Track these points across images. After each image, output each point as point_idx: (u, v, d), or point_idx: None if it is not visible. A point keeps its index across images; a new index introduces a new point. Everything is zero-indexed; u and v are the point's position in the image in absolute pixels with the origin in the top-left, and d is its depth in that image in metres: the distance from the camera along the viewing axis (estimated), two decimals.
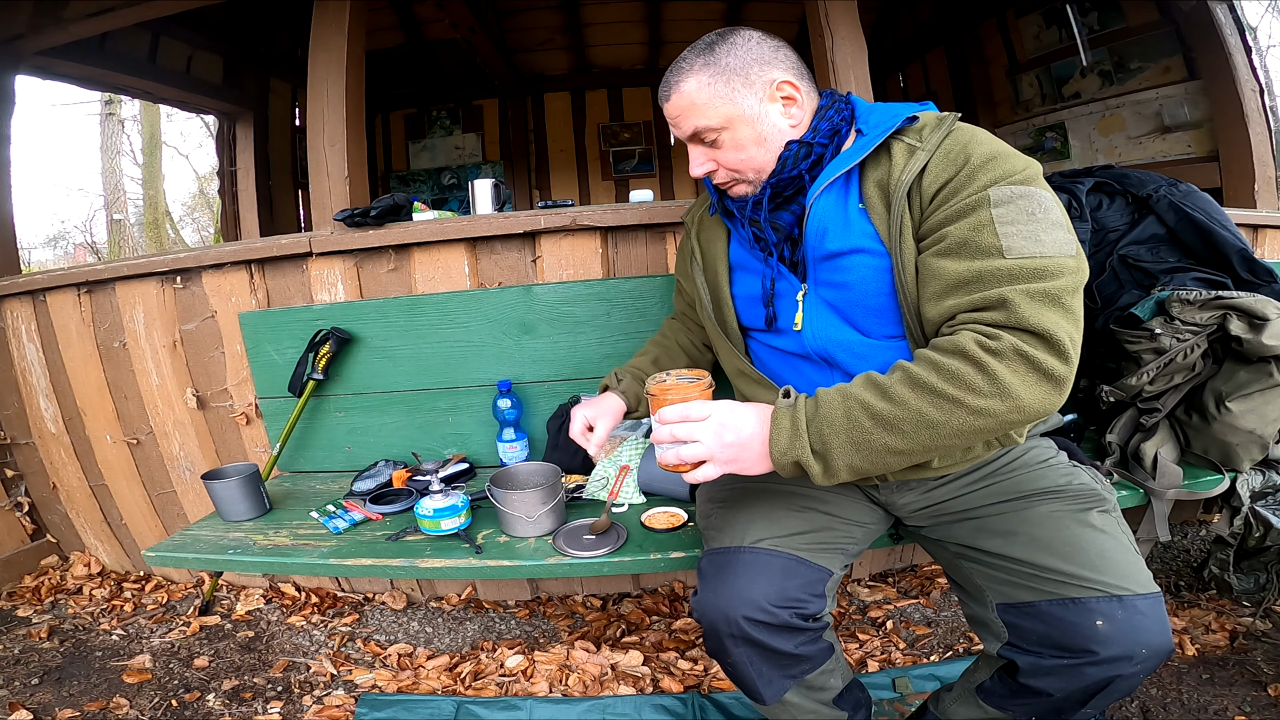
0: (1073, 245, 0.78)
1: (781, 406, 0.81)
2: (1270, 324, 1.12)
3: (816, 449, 0.78)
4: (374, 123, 5.04)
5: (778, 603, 0.86)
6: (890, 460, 0.77)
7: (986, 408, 0.73)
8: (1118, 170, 1.52)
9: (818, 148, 0.91)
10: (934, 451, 0.77)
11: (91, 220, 10.98)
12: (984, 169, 0.81)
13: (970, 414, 0.73)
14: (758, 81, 0.89)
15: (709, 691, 1.44)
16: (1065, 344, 0.73)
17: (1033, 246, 0.76)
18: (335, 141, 1.75)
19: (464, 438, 1.65)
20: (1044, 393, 0.73)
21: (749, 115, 0.89)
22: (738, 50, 0.90)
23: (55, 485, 2.09)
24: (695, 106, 0.90)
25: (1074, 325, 0.76)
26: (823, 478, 0.78)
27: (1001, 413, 0.73)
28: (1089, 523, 0.87)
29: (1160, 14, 2.78)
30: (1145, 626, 0.78)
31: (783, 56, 0.92)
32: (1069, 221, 0.81)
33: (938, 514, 0.99)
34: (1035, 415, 0.75)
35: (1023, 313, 0.74)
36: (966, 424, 0.74)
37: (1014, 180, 0.80)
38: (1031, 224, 0.78)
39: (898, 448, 0.76)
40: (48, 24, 2.35)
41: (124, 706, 1.46)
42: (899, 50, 4.40)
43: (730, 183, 0.97)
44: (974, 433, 0.74)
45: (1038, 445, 1.00)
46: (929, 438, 0.75)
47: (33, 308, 1.94)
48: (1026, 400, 0.73)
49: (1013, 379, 0.72)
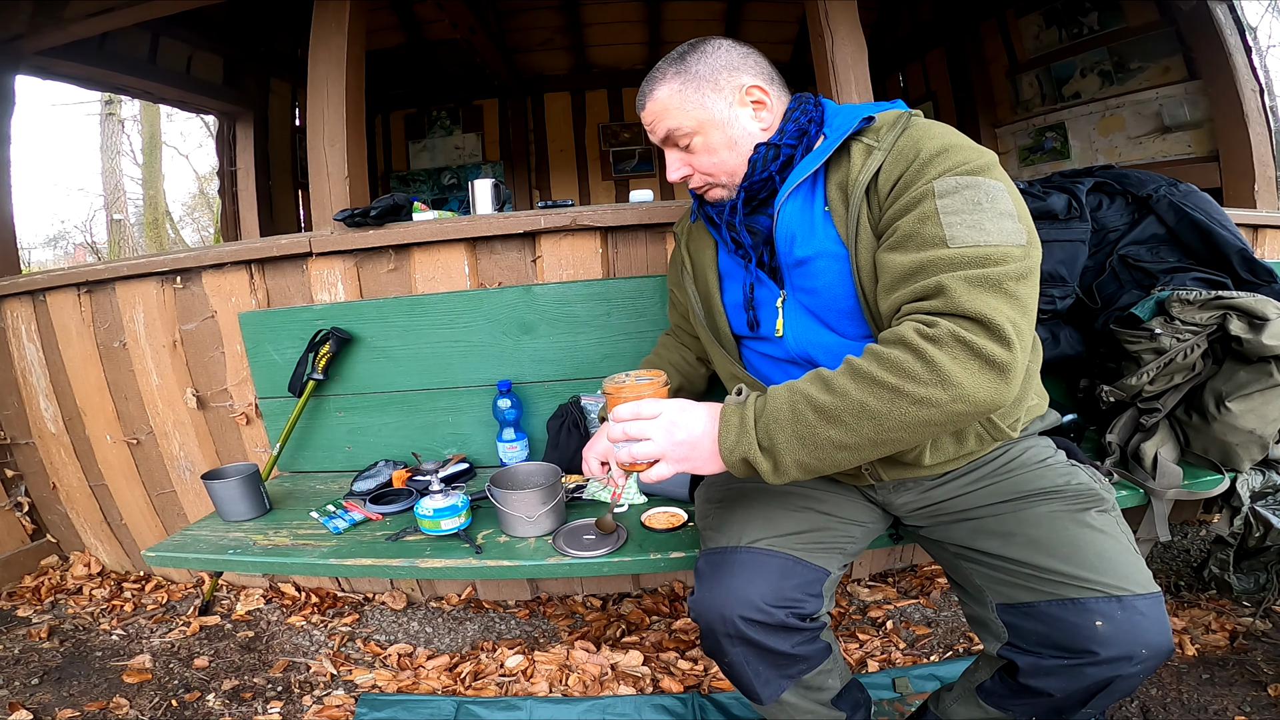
0: (1022, 235, 0.77)
1: (731, 404, 0.81)
2: (1270, 324, 1.12)
3: (764, 445, 0.77)
4: (374, 123, 5.03)
5: (774, 602, 0.87)
6: (838, 456, 0.75)
7: (928, 396, 0.71)
8: (1118, 170, 1.52)
9: (786, 149, 0.92)
10: (882, 446, 0.74)
11: (91, 220, 10.99)
12: (932, 162, 0.81)
13: (912, 403, 0.71)
14: (727, 87, 0.92)
15: (709, 691, 1.44)
16: (1006, 329, 0.71)
17: (976, 235, 0.76)
18: (335, 141, 1.75)
19: (464, 438, 1.65)
20: (988, 381, 0.71)
21: (719, 119, 0.92)
22: (707, 58, 0.92)
23: (55, 485, 2.09)
24: (668, 111, 0.93)
25: (1018, 311, 0.73)
26: (773, 475, 0.77)
27: (945, 402, 0.71)
28: (1088, 523, 0.87)
29: (1160, 14, 2.78)
30: (1145, 627, 0.78)
31: (752, 63, 0.94)
32: (1023, 211, 0.80)
33: (936, 514, 0.99)
34: (984, 405, 0.72)
35: (959, 298, 0.73)
36: (909, 414, 0.72)
37: (962, 171, 0.80)
38: (976, 213, 0.77)
39: (842, 441, 0.74)
40: (48, 24, 2.35)
41: (124, 706, 1.46)
42: (899, 50, 4.40)
43: (705, 186, 0.99)
44: (920, 425, 0.72)
45: (1036, 445, 1.00)
46: (872, 430, 0.73)
47: (33, 308, 1.94)
48: (969, 388, 0.70)
49: (953, 366, 0.71)
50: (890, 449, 0.75)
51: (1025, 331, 0.73)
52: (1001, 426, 0.94)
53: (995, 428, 0.94)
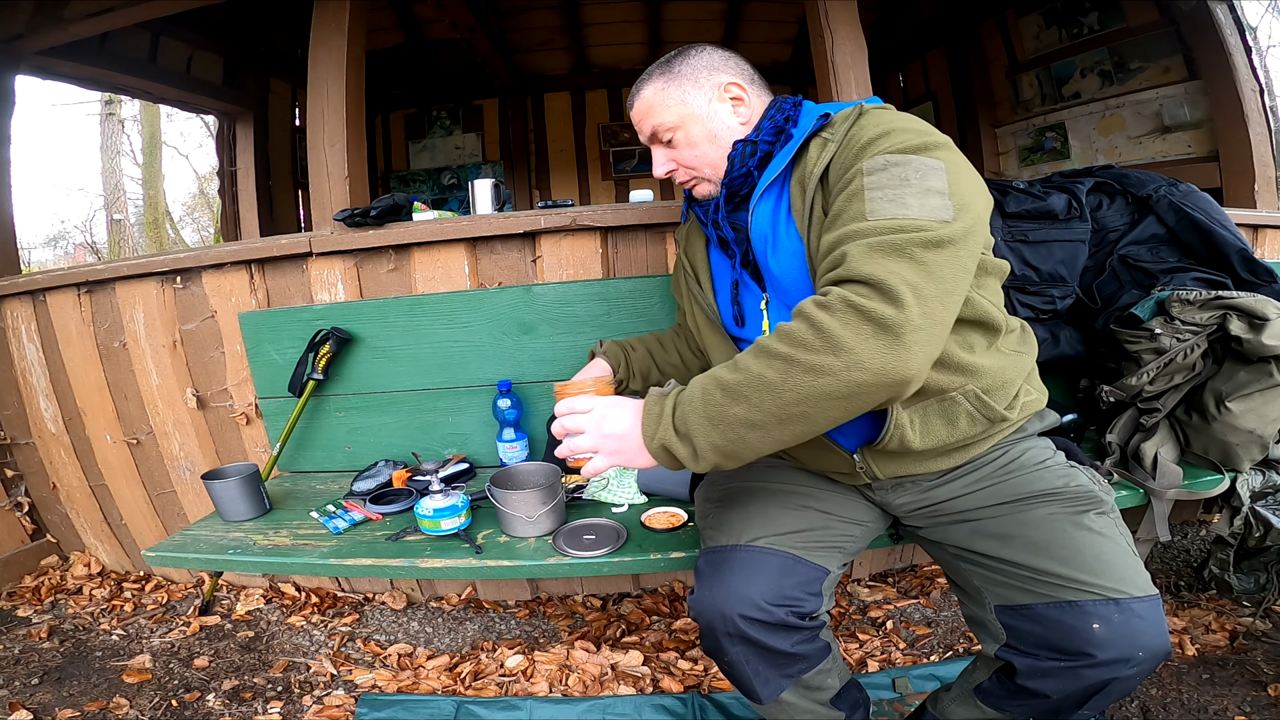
0: (947, 211, 0.75)
1: (654, 394, 0.82)
2: (1270, 324, 1.12)
3: (680, 431, 0.77)
4: (374, 123, 5.03)
5: (774, 601, 0.87)
6: (749, 436, 0.74)
7: (820, 364, 0.70)
8: (1118, 170, 1.52)
9: (763, 145, 0.95)
10: (789, 422, 0.73)
11: (91, 220, 11.00)
12: (870, 145, 0.81)
13: (805, 372, 0.70)
14: (707, 84, 0.96)
15: (709, 691, 1.44)
16: (899, 290, 0.69)
17: (895, 209, 0.75)
18: (335, 141, 1.75)
19: (464, 438, 1.65)
20: (882, 346, 0.69)
21: (699, 114, 0.96)
22: (690, 59, 0.98)
23: (55, 485, 2.09)
24: (652, 109, 0.98)
25: (922, 276, 0.71)
26: (691, 461, 0.77)
27: (839, 369, 0.69)
28: (1086, 525, 0.87)
29: (1160, 14, 2.78)
30: (1142, 629, 0.78)
31: (733, 64, 0.99)
32: (961, 190, 0.78)
33: (934, 514, 0.99)
34: (881, 371, 0.69)
35: (854, 263, 0.73)
36: (806, 384, 0.70)
37: (894, 149, 0.79)
38: (901, 189, 0.76)
39: (748, 418, 0.73)
40: (48, 24, 2.35)
41: (124, 706, 1.46)
42: (899, 50, 4.40)
43: (691, 181, 1.03)
44: (820, 396, 0.70)
45: (1035, 446, 0.99)
46: (773, 403, 0.72)
47: (33, 308, 1.94)
48: (860, 353, 0.69)
49: (842, 331, 0.69)
50: (802, 426, 0.73)
51: (930, 296, 0.71)
52: (993, 406, 0.90)
53: (986, 406, 0.89)
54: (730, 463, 0.77)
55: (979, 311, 0.88)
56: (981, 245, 0.80)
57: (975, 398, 0.89)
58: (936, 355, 0.73)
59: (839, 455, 0.97)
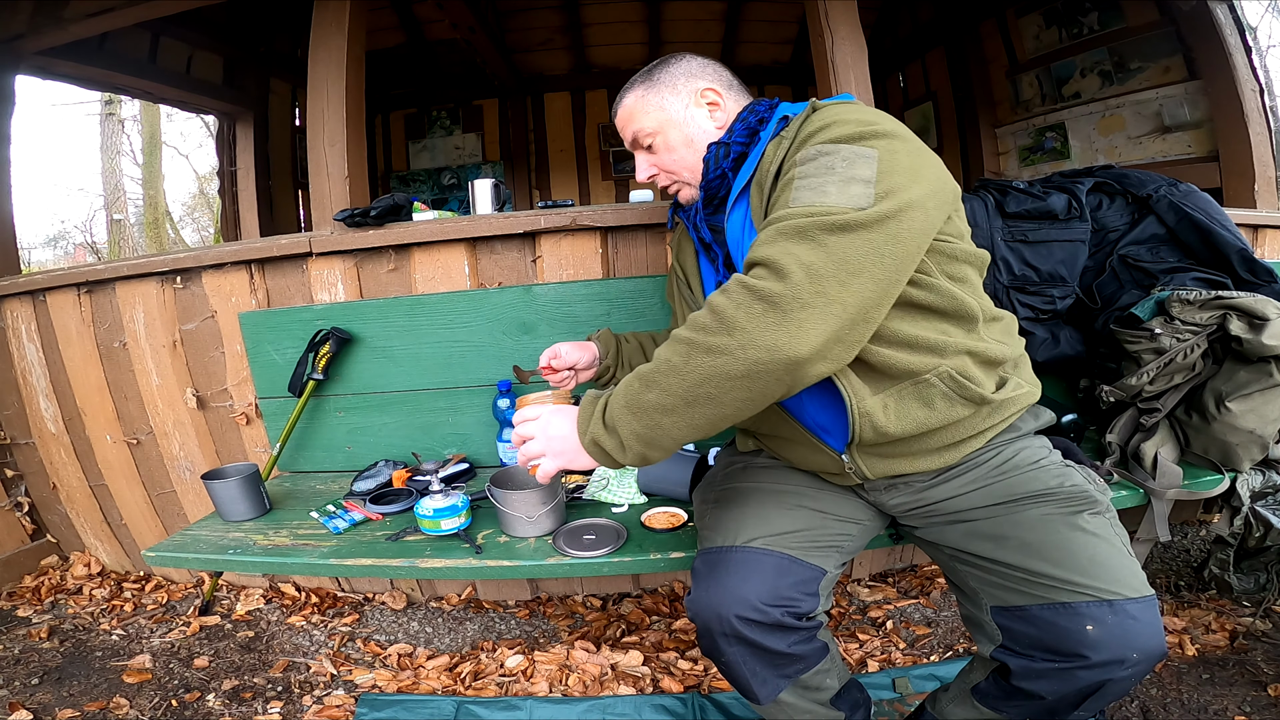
0: (866, 198, 0.74)
1: (590, 395, 0.85)
2: (1270, 324, 1.12)
3: (609, 424, 0.79)
4: (374, 123, 5.03)
5: (770, 601, 0.87)
6: (662, 421, 0.75)
7: (716, 344, 0.72)
8: (1118, 170, 1.52)
9: (735, 146, 0.96)
10: (695, 404, 0.74)
11: (91, 220, 10.99)
12: (810, 139, 0.83)
13: (704, 353, 0.72)
14: (684, 90, 1.00)
15: (709, 691, 1.44)
16: (788, 268, 0.70)
17: (814, 197, 0.76)
18: (335, 141, 1.75)
19: (464, 438, 1.65)
20: (771, 323, 0.70)
21: (676, 119, 1.00)
22: (669, 68, 1.02)
23: (55, 485, 2.09)
24: (632, 115, 1.03)
25: (817, 255, 0.71)
26: (619, 452, 0.79)
27: (733, 347, 0.71)
28: (1080, 526, 0.86)
29: (1160, 14, 2.78)
30: (1136, 631, 0.78)
31: (710, 71, 1.02)
32: (894, 177, 0.77)
33: (930, 515, 0.98)
34: (774, 347, 0.70)
35: (758, 248, 0.74)
36: (705, 364, 0.72)
37: (827, 139, 0.80)
38: (825, 177, 0.77)
39: (660, 403, 0.75)
40: (48, 24, 2.35)
41: (124, 706, 1.46)
42: (899, 50, 4.40)
43: (673, 185, 1.06)
44: (720, 375, 0.72)
45: (1030, 445, 0.98)
46: (679, 385, 0.74)
47: (33, 308, 1.94)
48: (751, 330, 0.70)
49: (735, 311, 0.72)
50: (711, 409, 0.74)
51: (826, 275, 0.71)
52: (971, 386, 0.87)
53: (963, 387, 0.87)
54: (652, 452, 0.78)
55: (945, 298, 0.86)
56: (920, 231, 0.78)
57: (950, 379, 0.86)
58: (840, 336, 0.72)
59: (828, 455, 0.97)
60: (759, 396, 0.74)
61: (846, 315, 0.72)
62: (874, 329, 0.77)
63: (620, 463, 0.80)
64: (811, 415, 0.96)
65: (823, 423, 0.95)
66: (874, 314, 0.75)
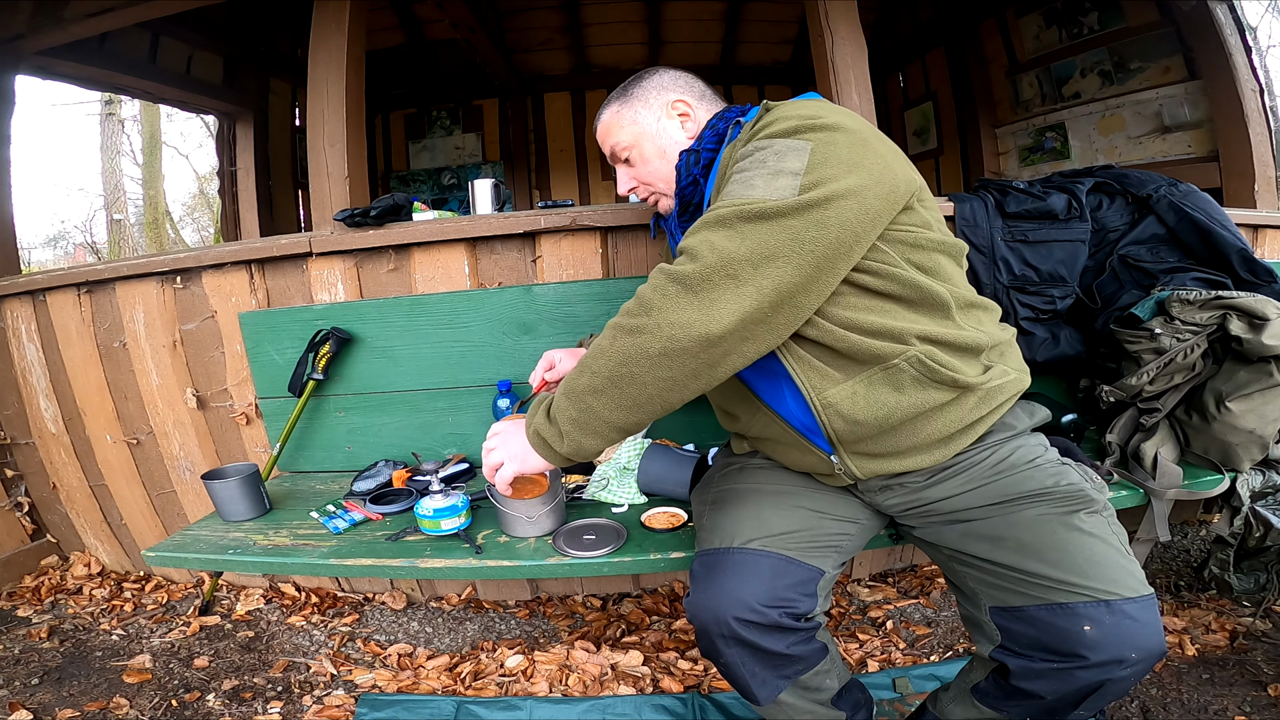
0: (790, 190, 0.76)
1: (544, 395, 0.90)
2: (1270, 324, 1.12)
3: (551, 415, 0.85)
4: (374, 123, 5.03)
5: (768, 602, 0.87)
6: (592, 403, 0.80)
7: (636, 325, 0.77)
8: (1118, 170, 1.52)
9: (705, 154, 0.99)
10: (619, 383, 0.78)
11: (91, 220, 11.01)
12: (754, 137, 0.85)
13: (626, 334, 0.78)
14: (655, 103, 1.05)
15: (709, 691, 1.44)
16: (702, 252, 0.75)
17: (743, 190, 0.79)
18: (335, 141, 1.75)
19: (464, 438, 1.65)
20: (684, 302, 0.75)
21: (649, 132, 1.05)
22: (643, 83, 1.06)
23: (55, 485, 2.09)
24: (609, 130, 1.08)
25: (732, 240, 0.75)
26: (557, 440, 0.84)
27: (650, 326, 0.76)
28: (1076, 525, 0.86)
29: (1160, 14, 2.78)
30: (1134, 630, 0.78)
31: (682, 83, 1.06)
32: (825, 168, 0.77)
33: (926, 515, 0.98)
34: (687, 324, 0.74)
35: (682, 242, 0.79)
36: (627, 344, 0.77)
37: (767, 135, 0.84)
38: (755, 171, 0.80)
39: (589, 384, 0.80)
40: (48, 24, 2.35)
41: (124, 706, 1.46)
42: (899, 50, 4.40)
43: (652, 196, 1.11)
44: (640, 354, 0.76)
45: (1025, 443, 0.97)
46: (604, 366, 0.79)
47: (33, 308, 1.94)
48: (666, 309, 0.75)
49: (653, 294, 0.77)
50: (634, 389, 0.78)
51: (739, 259, 0.74)
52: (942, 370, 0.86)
53: (934, 371, 0.85)
54: (586, 438, 0.82)
55: (908, 286, 0.85)
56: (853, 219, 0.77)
57: (918, 362, 0.85)
58: (759, 318, 0.75)
59: (817, 456, 0.97)
60: (680, 376, 0.77)
61: (762, 297, 0.75)
62: (805, 314, 0.80)
63: (558, 451, 0.85)
64: (798, 417, 0.95)
65: (808, 424, 0.95)
66: (801, 299, 0.78)
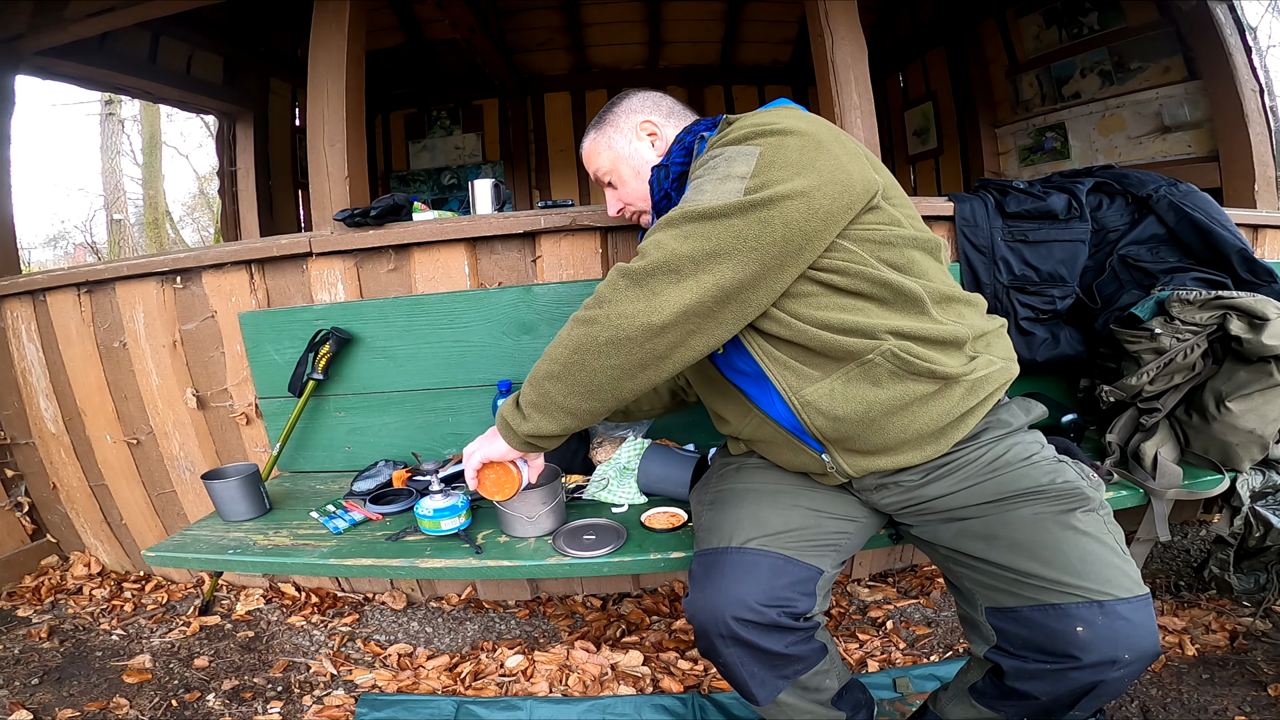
0: (735, 194, 0.80)
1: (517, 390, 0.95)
2: (1270, 324, 1.12)
3: (520, 403, 0.91)
4: (374, 123, 5.03)
5: (766, 602, 0.87)
6: (550, 388, 0.86)
7: (589, 315, 0.83)
8: (1118, 170, 1.52)
9: (675, 167, 1.03)
10: (572, 369, 0.84)
11: (91, 220, 11.02)
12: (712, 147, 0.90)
13: (580, 324, 0.84)
14: (626, 126, 1.11)
15: (709, 691, 1.44)
16: (648, 249, 0.82)
17: (693, 195, 0.84)
18: (335, 141, 1.75)
19: (464, 438, 1.65)
20: (631, 295, 0.81)
21: (624, 154, 1.11)
22: (615, 109, 1.13)
23: (55, 485, 2.09)
24: (590, 157, 1.16)
25: (676, 239, 0.80)
26: (518, 419, 0.91)
27: (601, 317, 0.82)
28: (1071, 525, 0.86)
29: (1160, 14, 2.78)
30: (1127, 631, 0.78)
31: (650, 104, 1.12)
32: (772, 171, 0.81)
33: (923, 513, 0.98)
34: (633, 314, 0.80)
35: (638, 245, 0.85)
36: (579, 333, 0.83)
37: (721, 144, 0.88)
38: (707, 177, 0.85)
39: (547, 370, 0.87)
40: (48, 24, 2.35)
41: (124, 706, 1.46)
42: (899, 50, 4.40)
43: (635, 215, 1.17)
44: (591, 343, 0.82)
45: (1021, 441, 0.96)
46: (560, 353, 0.85)
47: (33, 308, 1.94)
48: (615, 301, 0.81)
49: (606, 288, 0.83)
50: (584, 375, 0.84)
51: (682, 255, 0.79)
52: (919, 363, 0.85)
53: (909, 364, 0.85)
54: (544, 420, 0.88)
55: (877, 284, 0.86)
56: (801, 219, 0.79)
57: (894, 356, 0.85)
58: (703, 312, 0.80)
59: (809, 455, 0.97)
60: (628, 365, 0.82)
61: (704, 292, 0.79)
62: (755, 310, 0.84)
63: (518, 433, 0.91)
64: (785, 417, 0.96)
65: (795, 423, 0.95)
66: (749, 295, 0.82)
